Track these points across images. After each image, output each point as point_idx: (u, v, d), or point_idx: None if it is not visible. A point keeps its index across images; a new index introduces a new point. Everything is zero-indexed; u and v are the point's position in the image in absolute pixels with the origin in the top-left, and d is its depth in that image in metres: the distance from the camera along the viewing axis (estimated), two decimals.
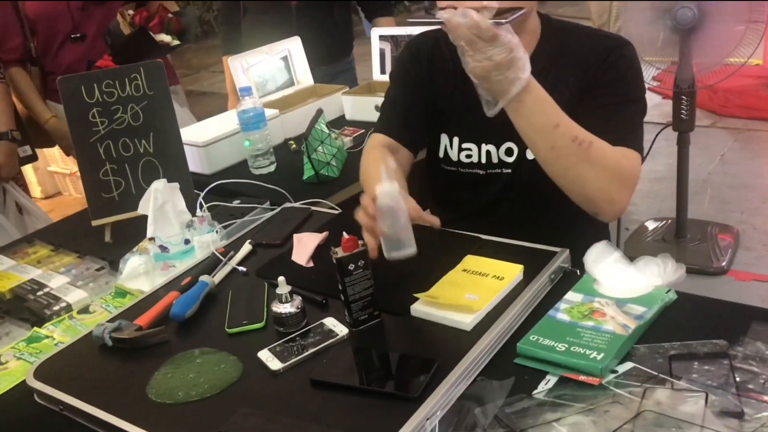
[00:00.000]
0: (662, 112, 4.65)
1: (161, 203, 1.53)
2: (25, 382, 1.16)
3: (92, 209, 1.70)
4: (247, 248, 1.48)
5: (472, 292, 1.19)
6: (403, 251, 1.18)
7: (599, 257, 1.23)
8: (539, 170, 1.32)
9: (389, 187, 1.15)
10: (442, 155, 1.56)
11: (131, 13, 2.39)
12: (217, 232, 1.55)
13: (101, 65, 2.29)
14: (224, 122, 2.21)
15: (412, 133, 1.54)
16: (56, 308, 1.42)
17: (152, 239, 1.50)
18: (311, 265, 1.40)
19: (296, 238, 1.48)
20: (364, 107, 2.34)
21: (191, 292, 1.30)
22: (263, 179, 1.92)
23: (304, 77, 2.55)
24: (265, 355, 1.12)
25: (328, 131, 1.97)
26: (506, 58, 1.14)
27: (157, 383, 1.10)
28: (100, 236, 1.71)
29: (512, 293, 1.20)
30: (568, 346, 1.05)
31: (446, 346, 1.09)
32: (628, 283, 1.18)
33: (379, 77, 2.49)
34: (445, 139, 1.54)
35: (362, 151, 2.09)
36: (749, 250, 3.09)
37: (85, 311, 1.38)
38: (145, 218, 1.55)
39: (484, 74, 1.17)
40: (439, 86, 1.51)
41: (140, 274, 1.49)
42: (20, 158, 2.47)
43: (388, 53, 2.51)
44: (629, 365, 1.02)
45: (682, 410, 0.90)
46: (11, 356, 1.26)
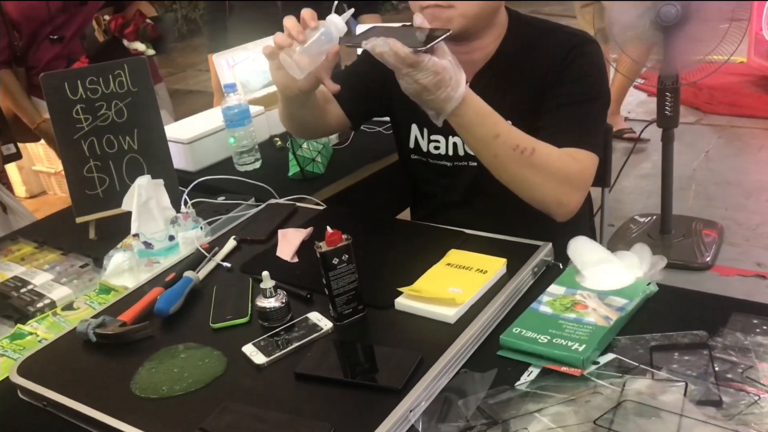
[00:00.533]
0: (647, 109, 4.69)
1: (145, 199, 1.53)
2: (8, 378, 1.15)
3: (76, 206, 1.70)
4: (231, 244, 1.48)
5: (455, 285, 1.19)
6: (294, 68, 1.22)
7: (581, 250, 1.24)
8: None
9: (341, 20, 1.20)
10: (412, 145, 1.60)
11: (107, 18, 2.35)
12: (201, 228, 1.55)
13: (78, 66, 2.28)
14: (209, 119, 2.21)
15: (352, 100, 1.56)
16: (40, 305, 1.41)
17: (136, 236, 1.50)
18: (296, 260, 1.40)
19: (281, 233, 1.48)
20: None
21: (175, 287, 1.30)
22: (248, 176, 1.92)
23: None
24: (249, 349, 1.12)
25: None
26: (432, 81, 1.16)
27: (141, 378, 1.10)
28: (84, 233, 1.70)
29: (495, 286, 1.21)
30: (550, 338, 1.06)
31: (430, 339, 1.10)
32: (609, 275, 1.19)
33: None
34: (415, 129, 1.58)
35: (346, 147, 2.11)
36: (733, 245, 3.12)
37: (69, 308, 1.38)
38: (129, 215, 1.55)
39: (415, 95, 1.20)
40: None
41: (124, 270, 1.49)
42: (4, 156, 2.45)
43: None
44: (611, 356, 1.03)
45: (662, 400, 0.91)
46: None
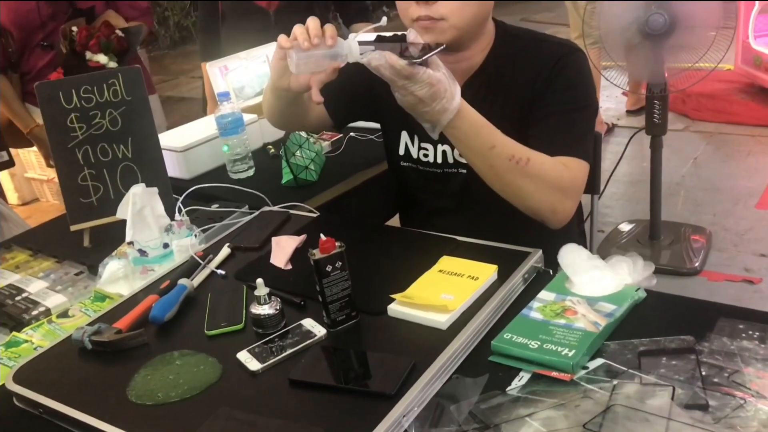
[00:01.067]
0: (636, 116, 4.73)
1: (140, 207, 1.54)
2: (4, 385, 1.16)
3: (71, 214, 1.70)
4: (225, 251, 1.50)
5: (447, 292, 1.21)
6: (293, 64, 1.22)
7: (571, 257, 1.25)
8: None
9: (356, 44, 1.20)
10: (402, 152, 1.61)
11: (75, 29, 2.33)
12: (195, 236, 1.56)
13: (53, 77, 2.26)
14: (202, 127, 2.22)
15: (337, 101, 1.56)
16: (35, 313, 1.42)
17: (131, 243, 1.51)
18: (290, 267, 1.41)
19: (275, 241, 1.50)
20: None
21: (170, 295, 1.31)
22: (242, 183, 1.93)
23: None
24: (244, 356, 1.14)
25: (306, 136, 1.99)
26: (428, 92, 1.18)
27: (137, 385, 1.11)
28: (78, 241, 1.71)
29: (487, 293, 1.22)
30: (540, 343, 1.08)
31: (422, 345, 1.11)
32: (599, 282, 1.21)
33: None
34: (405, 136, 1.60)
35: (339, 155, 2.13)
36: (721, 251, 3.15)
37: (64, 315, 1.39)
38: (123, 223, 1.56)
39: (411, 107, 1.22)
40: None
41: (119, 278, 1.50)
42: None
43: None
44: (600, 361, 1.05)
45: (650, 404, 0.93)
46: None
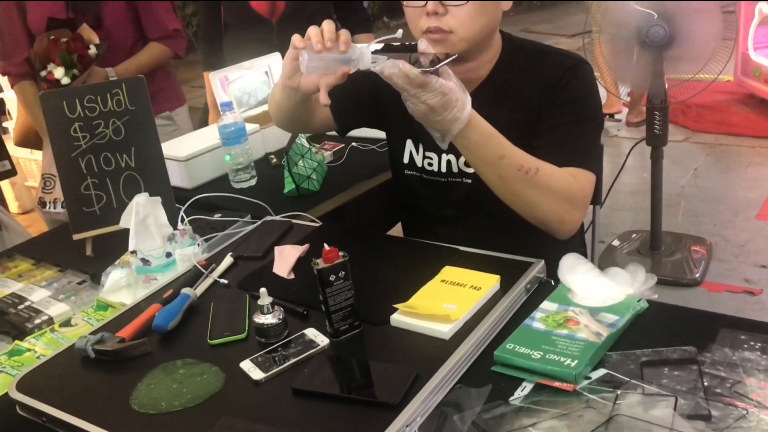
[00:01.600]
0: (637, 127, 4.74)
1: (143, 217, 1.54)
2: (7, 394, 1.16)
3: (73, 223, 1.71)
4: (228, 261, 1.50)
5: (450, 302, 1.21)
6: (304, 65, 1.23)
7: (572, 268, 1.26)
8: None
9: (370, 55, 1.21)
10: (407, 160, 1.62)
11: (52, 38, 2.27)
12: (198, 245, 1.56)
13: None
14: (205, 137, 2.23)
15: (342, 105, 1.57)
16: (38, 321, 1.42)
17: (134, 252, 1.51)
18: (292, 276, 1.42)
19: (277, 250, 1.50)
20: None
21: (173, 304, 1.31)
22: (244, 193, 1.94)
23: None
24: (247, 365, 1.14)
25: (308, 145, 1.99)
26: (440, 101, 1.19)
27: (140, 394, 1.11)
28: (81, 250, 1.71)
29: (489, 303, 1.23)
30: (543, 353, 1.08)
31: (425, 354, 1.12)
32: (601, 292, 1.21)
33: None
34: (410, 144, 1.60)
35: (341, 165, 2.14)
36: (722, 261, 3.15)
37: (66, 324, 1.39)
38: (126, 232, 1.56)
39: (423, 116, 1.23)
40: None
41: (122, 287, 1.50)
42: None
43: None
44: (602, 371, 1.05)
45: (652, 414, 0.93)
46: None
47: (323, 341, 1.17)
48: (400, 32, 1.25)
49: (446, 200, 1.60)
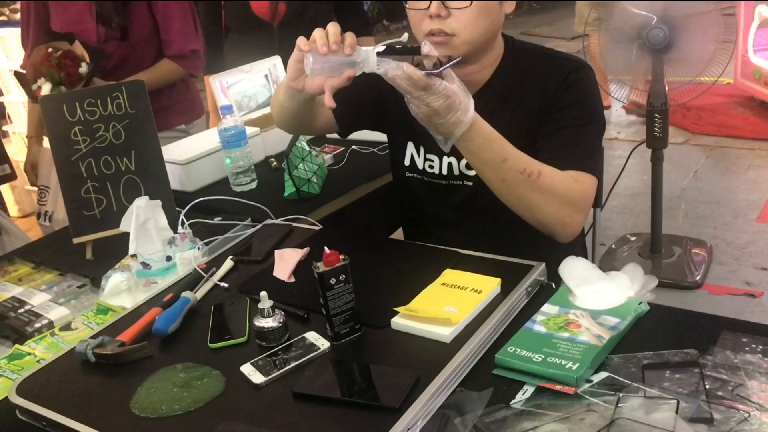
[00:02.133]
0: (637, 129, 4.75)
1: (143, 220, 1.54)
2: (7, 398, 1.16)
3: (73, 227, 1.71)
4: (228, 264, 1.50)
5: (451, 305, 1.21)
6: (309, 66, 1.24)
7: (574, 270, 1.26)
8: None
9: (375, 57, 1.21)
10: (408, 163, 1.62)
11: (51, 51, 2.24)
12: (198, 248, 1.56)
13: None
14: (205, 140, 2.23)
15: (345, 107, 1.53)
16: (38, 325, 1.42)
17: (134, 256, 1.51)
18: (292, 280, 1.42)
19: (277, 253, 1.50)
20: None
21: (173, 308, 1.31)
22: (244, 196, 1.94)
23: None
24: (247, 369, 1.14)
25: (308, 148, 1.99)
26: (443, 104, 1.20)
27: (140, 398, 1.11)
28: (81, 254, 1.71)
29: (490, 306, 1.22)
30: (544, 356, 1.08)
31: (426, 358, 1.11)
32: (602, 295, 1.21)
33: None
34: (411, 147, 1.60)
35: (341, 168, 2.13)
36: (722, 264, 3.15)
37: (66, 328, 1.39)
38: (126, 235, 1.56)
39: (426, 119, 1.23)
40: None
41: (122, 290, 1.50)
42: None
43: None
44: (604, 374, 1.05)
45: (654, 417, 0.93)
46: None
47: (324, 344, 1.17)
48: (405, 36, 1.25)
49: (447, 203, 1.60)
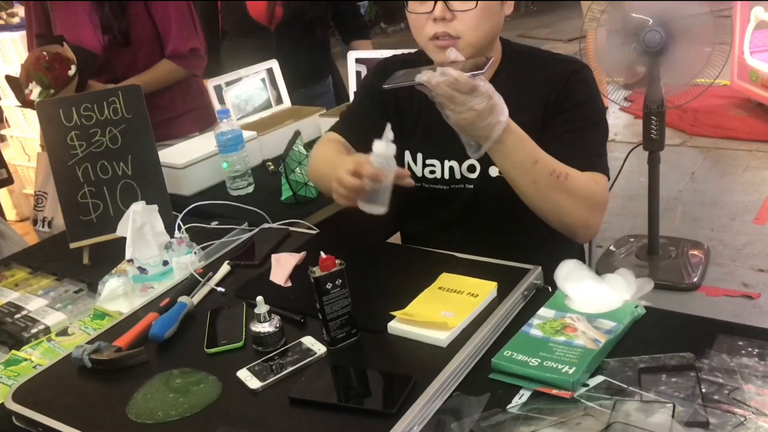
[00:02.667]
0: (634, 131, 4.75)
1: (140, 225, 1.54)
2: (3, 404, 1.16)
3: (70, 232, 1.71)
4: (225, 269, 1.50)
5: (447, 309, 1.21)
6: (377, 206, 1.21)
7: (570, 274, 1.26)
8: (503, 187, 1.36)
9: (386, 146, 1.20)
10: None
11: (44, 54, 2.21)
12: (195, 253, 1.56)
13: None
14: (202, 144, 2.22)
15: (365, 140, 1.54)
16: (34, 331, 1.42)
17: (131, 261, 1.51)
18: (289, 284, 1.42)
19: (274, 258, 1.50)
20: None
21: (170, 313, 1.31)
22: (241, 200, 1.94)
23: (281, 99, 2.57)
24: (244, 374, 1.14)
25: (306, 152, 1.99)
26: (487, 105, 1.19)
27: (136, 404, 1.11)
28: (78, 258, 1.71)
29: (486, 310, 1.22)
30: (540, 360, 1.08)
31: (423, 362, 1.11)
32: (598, 298, 1.21)
33: None
34: (407, 156, 1.57)
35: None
36: (719, 266, 3.15)
37: (63, 333, 1.38)
38: (123, 240, 1.56)
39: (467, 124, 1.21)
40: (403, 104, 1.54)
41: (119, 295, 1.50)
42: None
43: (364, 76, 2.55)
44: (600, 378, 1.05)
45: (650, 421, 0.93)
46: None
47: (320, 349, 1.17)
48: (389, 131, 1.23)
49: (446, 207, 1.58)
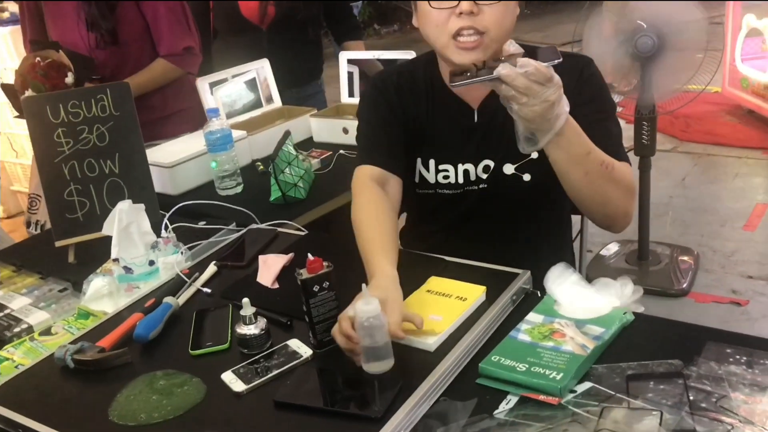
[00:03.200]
0: (625, 136, 4.74)
1: (126, 224, 1.53)
2: None
3: (56, 229, 1.69)
4: (212, 269, 1.48)
5: (435, 312, 1.20)
6: (380, 363, 1.09)
7: (559, 279, 1.25)
8: (514, 185, 1.34)
9: (369, 307, 1.07)
10: (417, 180, 1.54)
11: (38, 60, 2.17)
12: (182, 253, 1.55)
13: None
14: (191, 143, 2.21)
15: (397, 159, 1.50)
16: (17, 330, 1.40)
17: (116, 260, 1.49)
18: (276, 286, 1.40)
19: (262, 259, 1.49)
20: (332, 129, 2.35)
21: (155, 313, 1.30)
22: (229, 200, 1.92)
23: (272, 99, 2.56)
24: (228, 376, 1.12)
25: (295, 153, 1.98)
26: (558, 95, 1.18)
27: (119, 405, 1.09)
28: (63, 257, 1.69)
29: (475, 314, 1.22)
30: (528, 366, 1.07)
31: (410, 366, 1.10)
32: (587, 304, 1.21)
33: (347, 100, 2.51)
34: (419, 164, 1.53)
35: (328, 173, 2.12)
36: (709, 272, 3.16)
37: (47, 333, 1.37)
38: (109, 239, 1.54)
39: (536, 116, 1.18)
40: (410, 113, 1.51)
41: (104, 295, 1.48)
42: None
43: (356, 77, 2.54)
44: (588, 385, 1.04)
45: (637, 429, 0.93)
46: None
47: (306, 352, 1.16)
48: None
49: (455, 208, 1.55)
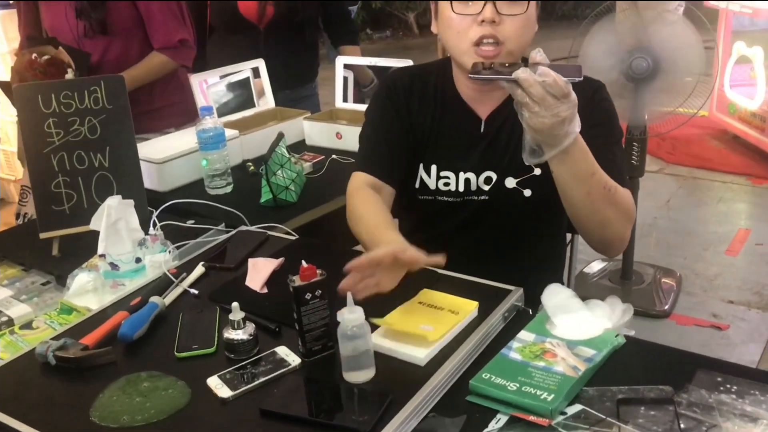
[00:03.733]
0: None
1: (114, 220, 1.50)
2: None
3: (41, 221, 1.66)
4: (200, 270, 1.46)
5: (427, 323, 1.19)
6: (360, 373, 1.09)
7: (554, 298, 1.24)
8: (514, 199, 1.34)
9: (353, 315, 1.08)
10: (418, 186, 1.54)
11: (35, 57, 2.17)
12: (169, 252, 1.52)
13: None
14: (182, 140, 2.18)
15: (394, 169, 1.51)
16: None
17: (103, 256, 1.47)
18: (265, 291, 1.38)
19: (251, 262, 1.47)
20: (325, 133, 2.34)
21: (140, 312, 1.27)
22: (219, 200, 1.90)
23: (266, 99, 2.54)
24: (214, 382, 1.10)
25: (288, 155, 1.97)
26: (572, 113, 1.17)
27: (101, 406, 1.07)
28: (47, 249, 1.66)
29: (466, 329, 1.21)
30: (519, 385, 1.06)
31: (400, 380, 1.09)
32: (579, 325, 1.20)
33: (341, 105, 2.50)
34: (421, 169, 1.53)
35: (320, 176, 2.11)
36: (690, 294, 3.18)
37: (27, 327, 1.34)
38: (95, 233, 1.52)
39: (544, 128, 1.17)
40: (417, 118, 1.51)
41: (88, 291, 1.45)
42: None
43: (351, 81, 2.53)
44: (578, 407, 1.04)
45: None
46: None
47: (295, 360, 1.14)
48: None
49: (454, 218, 1.54)
